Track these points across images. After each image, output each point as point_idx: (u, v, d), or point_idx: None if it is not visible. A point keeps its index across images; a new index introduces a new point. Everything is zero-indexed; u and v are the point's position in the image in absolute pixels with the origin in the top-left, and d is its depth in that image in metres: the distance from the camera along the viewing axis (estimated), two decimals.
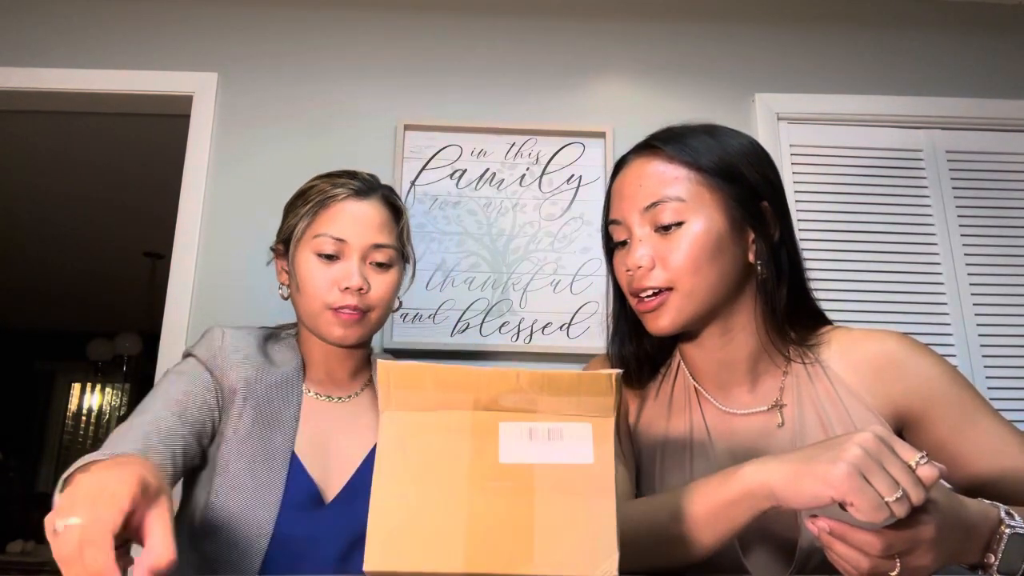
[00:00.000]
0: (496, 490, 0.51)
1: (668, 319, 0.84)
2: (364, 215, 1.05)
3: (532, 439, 0.52)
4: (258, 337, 1.08)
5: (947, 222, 2.09)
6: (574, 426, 0.51)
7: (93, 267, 4.84)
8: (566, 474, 0.50)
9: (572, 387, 0.51)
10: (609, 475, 0.49)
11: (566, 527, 0.49)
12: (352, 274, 1.01)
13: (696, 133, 0.88)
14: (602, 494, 0.49)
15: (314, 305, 1.02)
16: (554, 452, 0.51)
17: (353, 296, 1.01)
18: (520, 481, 0.51)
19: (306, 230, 1.04)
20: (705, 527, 0.67)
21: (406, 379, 0.55)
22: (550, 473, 0.50)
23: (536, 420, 0.52)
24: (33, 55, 2.09)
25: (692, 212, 0.83)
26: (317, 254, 1.03)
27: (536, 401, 0.52)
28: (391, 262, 1.06)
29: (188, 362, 1.04)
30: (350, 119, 2.08)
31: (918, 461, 0.57)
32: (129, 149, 3.27)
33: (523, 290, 1.97)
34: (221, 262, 1.95)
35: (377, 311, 1.05)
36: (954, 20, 2.30)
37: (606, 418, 0.51)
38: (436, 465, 0.52)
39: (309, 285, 1.02)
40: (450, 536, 0.50)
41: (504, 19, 2.21)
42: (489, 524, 0.50)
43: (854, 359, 0.86)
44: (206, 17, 2.16)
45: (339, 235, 1.03)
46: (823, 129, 2.17)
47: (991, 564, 0.63)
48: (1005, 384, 1.98)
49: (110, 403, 6.62)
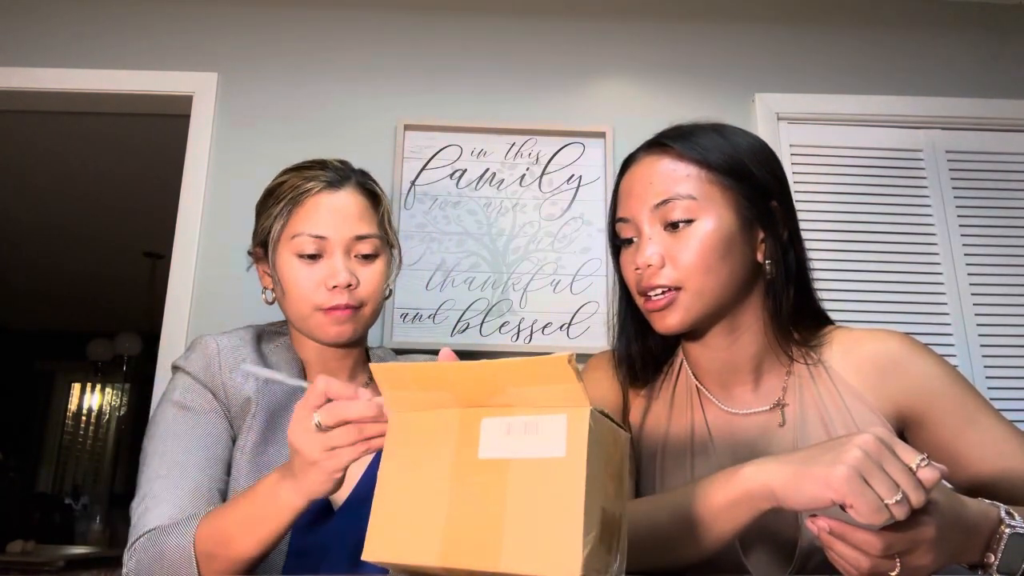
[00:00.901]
0: (473, 486, 0.51)
1: (677, 318, 0.83)
2: (341, 207, 0.99)
3: (510, 434, 0.52)
4: (251, 341, 1.02)
5: (947, 222, 2.09)
6: (550, 419, 0.50)
7: (93, 267, 4.84)
8: (539, 468, 0.49)
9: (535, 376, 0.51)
10: (580, 469, 0.48)
11: (534, 523, 0.48)
12: (338, 271, 0.97)
13: (705, 131, 0.87)
14: (570, 489, 0.48)
15: (303, 308, 0.98)
16: (530, 446, 0.50)
17: (343, 294, 0.97)
18: (496, 476, 0.51)
19: (283, 231, 0.99)
20: (705, 527, 0.67)
21: (393, 380, 0.56)
22: (525, 468, 0.50)
23: (515, 414, 0.52)
24: (33, 55, 2.09)
25: (703, 210, 0.82)
26: (298, 255, 0.98)
27: (512, 394, 0.52)
28: (376, 251, 1.01)
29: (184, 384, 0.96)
30: (350, 119, 2.08)
31: (919, 463, 0.57)
32: (129, 149, 3.27)
33: (523, 290, 1.97)
34: (221, 262, 1.95)
35: (369, 305, 1.00)
36: (954, 20, 2.30)
37: (581, 408, 0.50)
38: (426, 463, 0.54)
39: (294, 289, 0.98)
40: (430, 531, 0.51)
41: (504, 19, 2.21)
42: (465, 520, 0.51)
43: (856, 359, 0.86)
44: (206, 17, 2.16)
45: (318, 232, 0.97)
46: (823, 129, 2.17)
47: (991, 564, 0.63)
48: (1005, 384, 1.98)
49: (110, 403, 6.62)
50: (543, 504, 0.48)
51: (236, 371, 0.97)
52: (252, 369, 0.77)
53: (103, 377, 6.00)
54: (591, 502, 0.48)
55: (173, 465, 0.89)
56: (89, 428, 6.54)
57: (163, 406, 0.96)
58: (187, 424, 0.93)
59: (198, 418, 0.94)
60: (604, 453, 0.51)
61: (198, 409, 0.94)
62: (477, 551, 0.49)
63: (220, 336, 1.01)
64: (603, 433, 0.51)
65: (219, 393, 0.96)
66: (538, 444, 0.50)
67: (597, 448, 0.50)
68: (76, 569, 3.44)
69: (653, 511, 0.71)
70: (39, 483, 6.12)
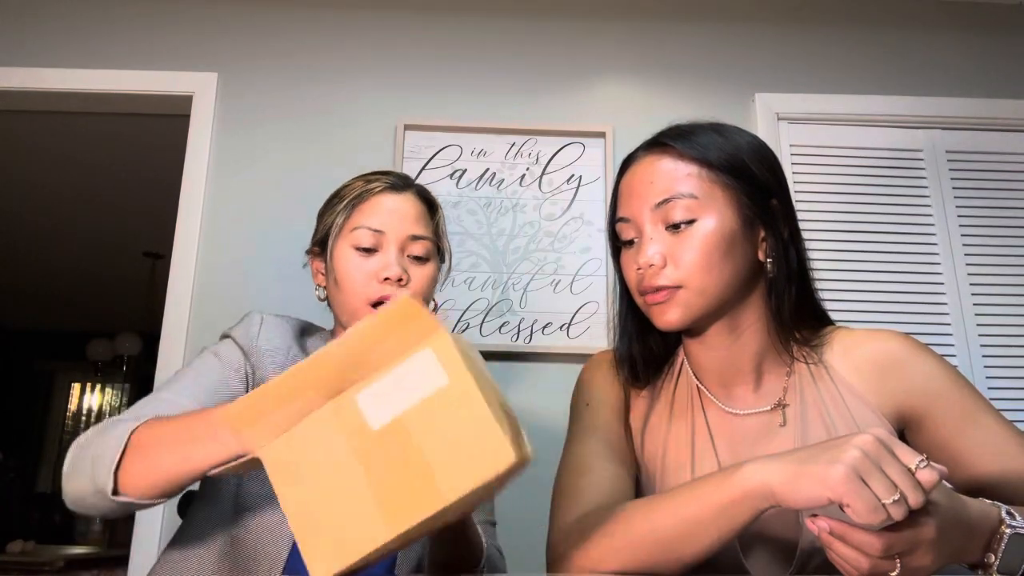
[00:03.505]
0: (382, 455, 0.52)
1: (677, 314, 0.83)
2: (401, 207, 1.04)
3: (389, 394, 0.52)
4: (294, 328, 1.06)
5: (947, 222, 2.09)
6: (417, 358, 0.51)
7: (93, 267, 4.84)
8: (431, 404, 0.51)
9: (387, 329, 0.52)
10: (467, 382, 0.50)
11: (454, 446, 0.50)
12: (391, 264, 1.01)
13: (704, 130, 0.87)
14: (468, 401, 0.50)
15: (354, 301, 1.01)
16: (412, 393, 0.51)
17: (393, 287, 1.00)
18: (398, 434, 0.51)
19: (344, 225, 1.04)
20: (705, 527, 0.67)
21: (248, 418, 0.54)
22: (418, 412, 0.51)
23: (384, 376, 0.52)
24: (33, 55, 2.09)
25: (704, 209, 0.82)
26: (355, 247, 1.02)
27: (373, 360, 0.52)
28: (428, 255, 1.05)
29: (226, 343, 1.02)
30: (350, 119, 2.08)
31: (918, 464, 0.57)
32: (129, 149, 3.27)
33: (523, 290, 1.97)
34: (221, 262, 1.95)
35: None
36: (954, 20, 2.30)
37: (439, 334, 0.51)
38: (325, 467, 0.53)
39: (347, 280, 1.01)
40: (365, 516, 0.51)
41: (504, 19, 2.21)
42: (391, 485, 0.51)
43: (856, 359, 0.86)
44: (206, 17, 2.16)
45: (377, 227, 1.02)
46: (823, 129, 2.17)
47: (991, 564, 0.63)
48: (1005, 384, 1.99)
49: (110, 403, 6.62)
50: (453, 427, 0.50)
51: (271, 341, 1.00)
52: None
53: (103, 377, 6.00)
54: (489, 399, 0.51)
55: (178, 390, 0.92)
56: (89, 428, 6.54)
57: (201, 352, 1.02)
58: (209, 366, 0.97)
59: (221, 366, 0.98)
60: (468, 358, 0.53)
61: (225, 361, 0.99)
62: (417, 501, 0.50)
63: (268, 315, 1.05)
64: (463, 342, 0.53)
65: (251, 356, 1.00)
66: (419, 386, 0.51)
67: (467, 358, 0.52)
68: (76, 569, 3.44)
69: (652, 512, 0.71)
70: (39, 483, 6.11)
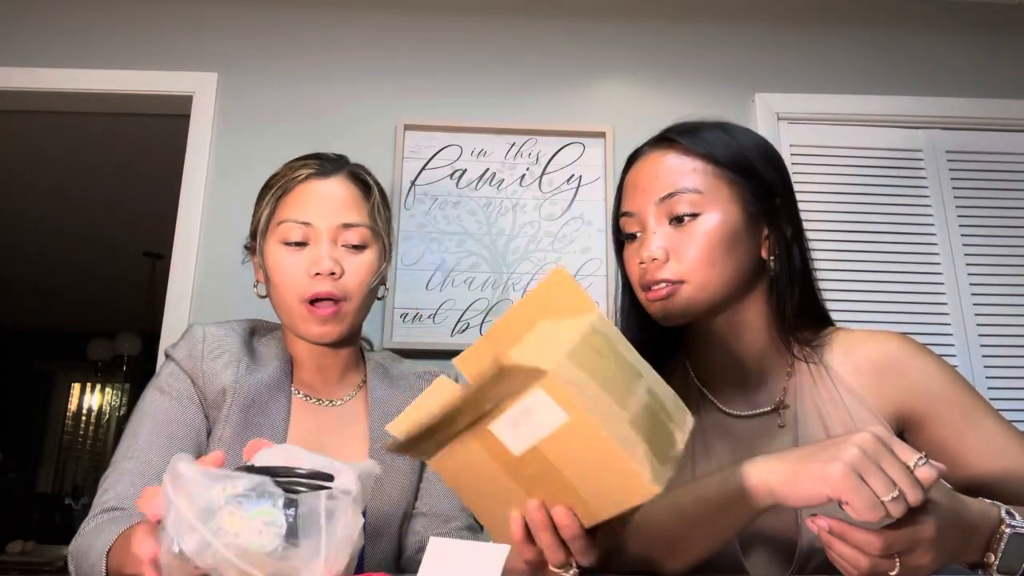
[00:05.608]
0: (531, 475, 0.55)
1: (679, 308, 0.83)
2: (329, 194, 0.97)
3: (518, 426, 0.54)
4: (242, 332, 1.01)
5: (947, 222, 2.09)
6: (532, 398, 0.52)
7: (93, 267, 4.83)
8: (561, 437, 0.52)
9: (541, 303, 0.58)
10: (587, 416, 0.50)
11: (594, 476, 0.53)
12: (322, 258, 0.94)
13: (710, 127, 0.88)
14: (593, 436, 0.51)
15: (288, 299, 0.95)
16: (539, 426, 0.53)
17: (326, 282, 0.93)
18: (540, 460, 0.54)
19: (270, 219, 0.97)
20: (705, 526, 0.67)
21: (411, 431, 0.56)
22: (551, 443, 0.53)
23: (508, 410, 0.54)
24: (33, 55, 2.09)
25: (708, 204, 0.83)
26: (284, 242, 0.96)
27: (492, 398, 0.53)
28: (365, 243, 0.98)
29: (169, 371, 0.97)
30: (350, 119, 2.08)
31: (916, 462, 0.57)
32: (129, 149, 3.27)
33: (523, 290, 1.97)
34: (221, 262, 1.95)
35: (355, 299, 0.96)
36: (954, 20, 2.30)
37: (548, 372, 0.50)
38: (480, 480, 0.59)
39: (278, 277, 0.95)
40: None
41: (504, 19, 2.21)
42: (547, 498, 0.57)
43: (856, 360, 0.86)
44: (206, 17, 2.16)
45: (304, 218, 0.95)
46: (823, 129, 2.17)
47: (991, 563, 0.63)
48: (1005, 384, 1.98)
49: (110, 403, 6.62)
50: (588, 459, 0.52)
51: (218, 359, 0.96)
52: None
53: (103, 377, 5.99)
54: (617, 428, 0.51)
55: (140, 447, 0.90)
56: (89, 428, 6.53)
57: (147, 390, 0.97)
58: (161, 408, 0.93)
59: (172, 403, 0.94)
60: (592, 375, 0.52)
61: (175, 395, 0.94)
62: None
63: (210, 326, 1.00)
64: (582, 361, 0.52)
65: (197, 380, 0.95)
66: (543, 422, 0.52)
67: (585, 385, 0.51)
68: None
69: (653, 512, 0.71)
70: (39, 483, 6.11)
